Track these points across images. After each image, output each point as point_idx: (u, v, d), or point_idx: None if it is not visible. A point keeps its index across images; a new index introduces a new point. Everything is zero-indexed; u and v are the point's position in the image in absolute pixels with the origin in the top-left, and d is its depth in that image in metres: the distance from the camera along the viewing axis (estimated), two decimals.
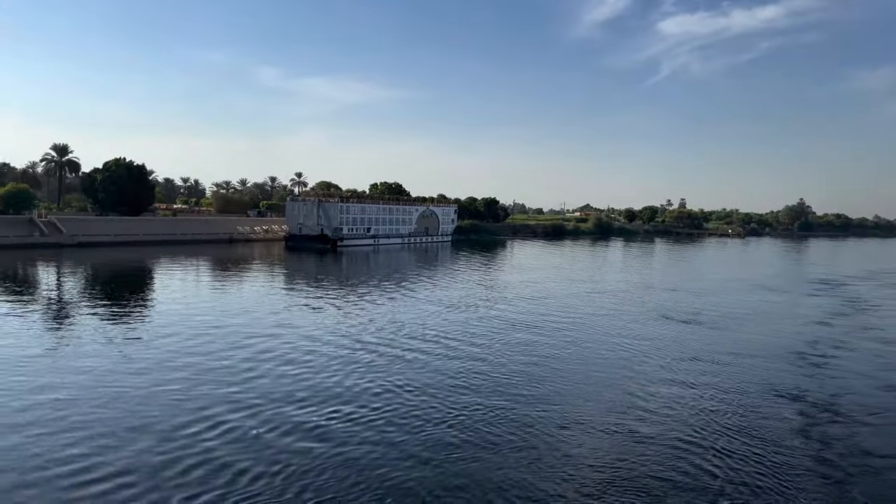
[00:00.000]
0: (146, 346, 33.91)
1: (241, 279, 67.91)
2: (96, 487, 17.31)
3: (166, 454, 19.53)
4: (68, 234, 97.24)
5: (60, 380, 26.86)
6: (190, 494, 17.09)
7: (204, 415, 23.16)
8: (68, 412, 22.92)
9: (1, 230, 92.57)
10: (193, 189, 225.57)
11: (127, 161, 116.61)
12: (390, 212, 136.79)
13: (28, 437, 20.51)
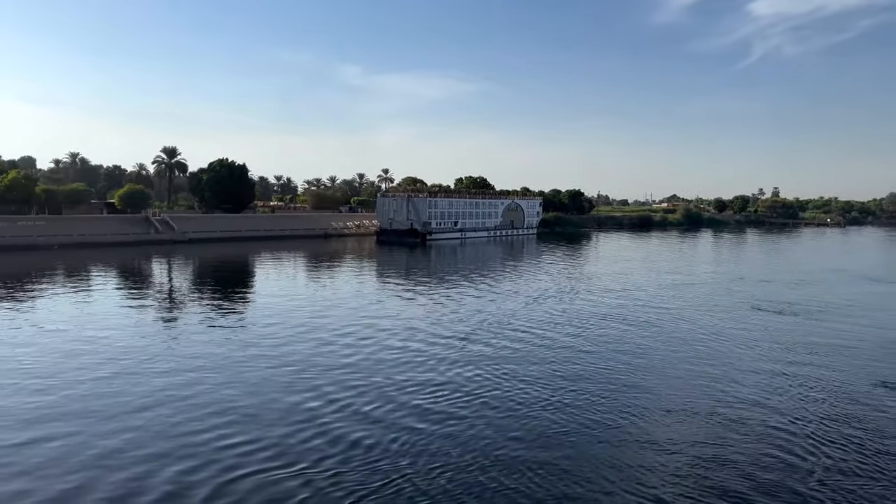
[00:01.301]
0: (257, 333, 36.97)
1: (337, 272, 71.28)
2: (231, 452, 19.69)
3: (288, 427, 21.78)
4: (180, 231, 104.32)
5: (183, 364, 29.85)
6: (316, 459, 19.22)
7: (316, 394, 25.44)
8: (195, 392, 25.69)
9: (121, 228, 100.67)
10: (286, 186, 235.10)
11: (229, 161, 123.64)
12: (476, 205, 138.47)
13: (161, 414, 23.21)
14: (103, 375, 27.57)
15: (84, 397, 24.67)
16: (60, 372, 27.96)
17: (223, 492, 17.17)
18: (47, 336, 35.07)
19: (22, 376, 27.19)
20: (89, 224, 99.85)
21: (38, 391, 25.30)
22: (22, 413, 22.76)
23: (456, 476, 18.27)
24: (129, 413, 22.91)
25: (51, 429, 21.32)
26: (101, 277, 62.12)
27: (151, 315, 43.09)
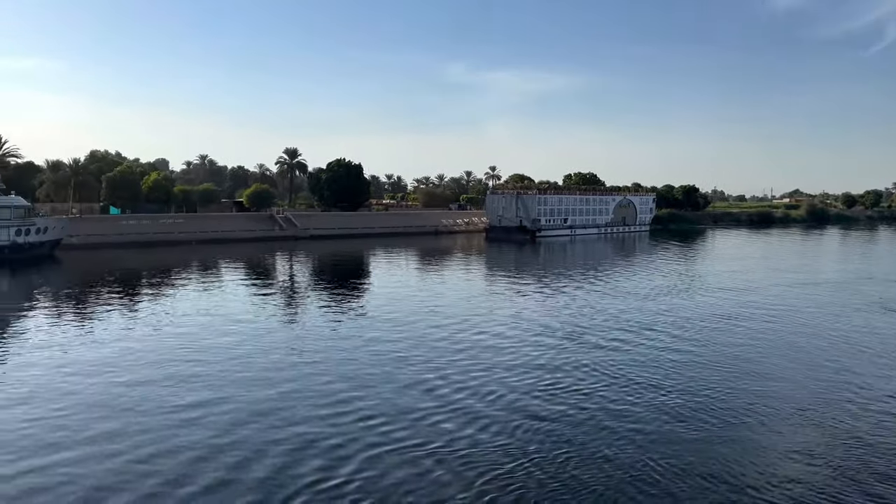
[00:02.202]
0: (374, 322, 39.60)
1: (448, 268, 73.46)
2: (372, 430, 21.62)
3: (418, 411, 23.52)
4: (301, 227, 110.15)
5: (314, 350, 32.71)
6: (447, 440, 20.81)
7: (439, 382, 27.05)
8: (322, 372, 28.15)
9: (249, 225, 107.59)
10: (396, 185, 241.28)
11: (346, 161, 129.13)
12: (587, 202, 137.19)
13: (302, 395, 25.78)
14: (250, 359, 30.69)
15: (234, 378, 27.61)
16: (210, 352, 31.34)
17: (369, 465, 18.92)
18: (195, 322, 39.25)
19: (178, 353, 30.71)
20: (221, 221, 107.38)
21: (193, 368, 28.55)
22: (191, 383, 25.95)
23: (576, 466, 19.07)
24: (277, 394, 25.47)
25: (204, 401, 24.23)
26: (233, 271, 67.70)
27: (280, 305, 46.82)
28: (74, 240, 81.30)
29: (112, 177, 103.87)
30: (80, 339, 34.69)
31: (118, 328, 37.84)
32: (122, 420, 22.20)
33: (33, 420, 22.21)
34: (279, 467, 18.61)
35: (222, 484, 17.57)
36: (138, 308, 44.70)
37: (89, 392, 25.35)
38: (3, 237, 68.82)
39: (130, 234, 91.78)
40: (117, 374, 27.80)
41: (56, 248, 76.10)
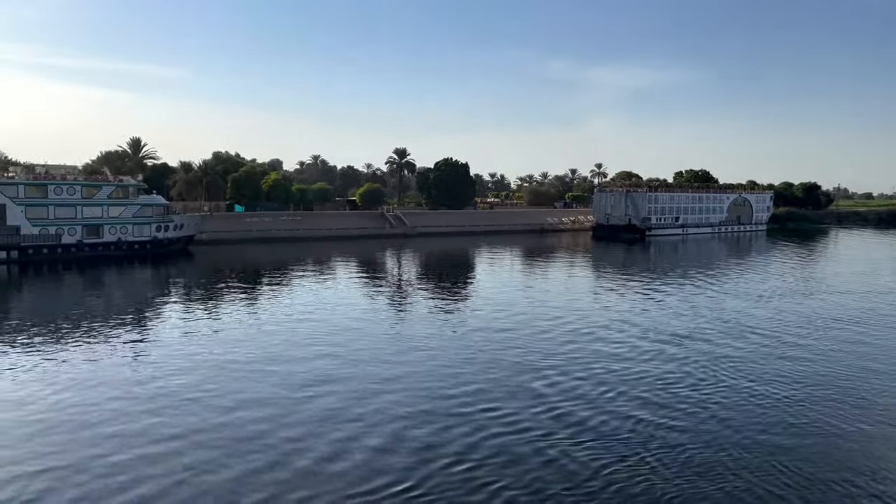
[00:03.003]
0: (482, 317, 40.73)
1: (554, 266, 73.67)
2: (474, 416, 22.57)
3: (519, 401, 24.28)
4: (410, 225, 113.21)
5: (420, 342, 34.21)
6: (546, 431, 21.47)
7: (540, 375, 27.83)
8: (434, 365, 29.41)
9: (361, 223, 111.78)
10: (500, 183, 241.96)
11: (454, 160, 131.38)
12: (699, 200, 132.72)
13: (410, 384, 27.11)
14: (368, 348, 32.56)
15: (354, 365, 29.35)
16: (328, 339, 33.39)
17: (471, 449, 19.90)
18: (315, 311, 41.85)
19: (299, 338, 32.96)
20: (335, 219, 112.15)
21: (320, 355, 30.60)
22: (313, 363, 27.95)
23: (700, 464, 19.17)
24: (387, 380, 27.00)
25: (329, 384, 26.01)
26: (347, 265, 71.17)
27: (391, 298, 49.16)
28: (204, 236, 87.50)
29: (237, 177, 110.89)
30: (214, 325, 38.00)
31: (246, 316, 41.09)
32: (258, 392, 24.42)
33: (193, 386, 24.98)
34: (416, 450, 19.86)
35: (358, 466, 19.00)
36: (263, 298, 48.19)
37: (231, 367, 27.96)
38: (146, 233, 75.29)
39: (254, 231, 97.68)
40: (249, 353, 30.39)
41: (189, 243, 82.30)
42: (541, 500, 16.91)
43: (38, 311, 44.35)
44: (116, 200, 73.09)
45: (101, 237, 71.80)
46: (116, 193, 73.36)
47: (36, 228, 67.39)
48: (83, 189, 71.06)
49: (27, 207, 66.83)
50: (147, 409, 23.25)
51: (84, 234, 70.58)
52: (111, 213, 72.50)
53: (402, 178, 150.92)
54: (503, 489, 17.39)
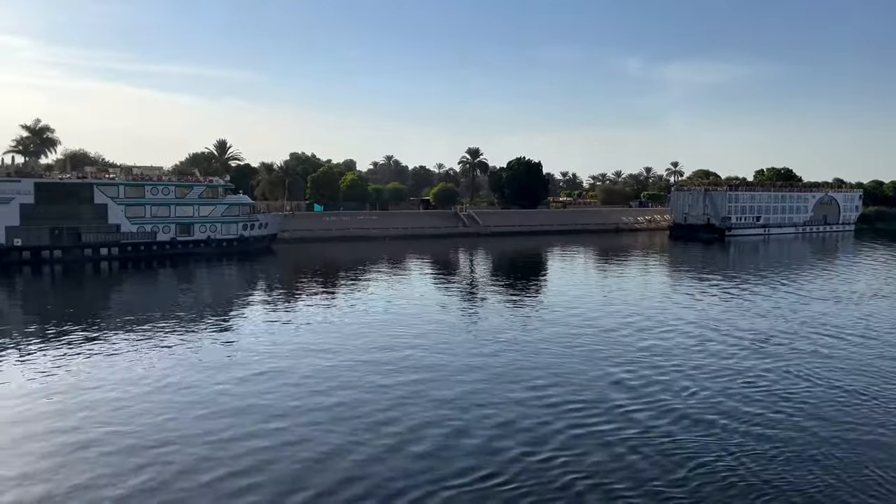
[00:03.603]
0: (555, 315, 40.96)
1: (629, 266, 73.00)
2: (549, 409, 22.95)
3: (594, 397, 24.65)
4: (483, 225, 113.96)
5: (491, 339, 34.75)
6: (615, 427, 21.66)
7: (622, 368, 28.43)
8: (512, 360, 29.95)
9: (435, 222, 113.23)
10: (571, 182, 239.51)
11: (526, 160, 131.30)
12: (782, 199, 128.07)
13: (483, 377, 27.74)
14: (443, 346, 33.52)
15: (429, 360, 30.25)
16: (404, 336, 34.43)
17: (570, 445, 20.25)
18: (391, 308, 43.23)
19: (376, 335, 34.10)
20: (410, 218, 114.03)
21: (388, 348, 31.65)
22: (390, 361, 28.96)
23: (781, 465, 19.05)
24: (472, 378, 27.72)
25: (408, 375, 26.96)
26: (421, 264, 73.04)
27: (464, 297, 50.07)
28: (286, 234, 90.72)
29: (316, 177, 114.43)
30: (298, 318, 39.94)
31: (329, 310, 43.05)
32: (342, 391, 25.51)
33: (274, 386, 26.23)
34: (486, 441, 20.53)
35: (441, 449, 19.89)
36: (344, 294, 50.22)
37: (319, 356, 29.30)
38: (233, 231, 78.83)
39: (332, 230, 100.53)
40: (327, 351, 31.68)
41: (273, 241, 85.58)
42: (638, 490, 17.35)
43: (139, 303, 47.51)
44: (206, 200, 76.90)
45: (192, 235, 75.68)
46: (206, 193, 77.23)
47: (134, 226, 71.70)
48: (176, 189, 75.15)
49: (126, 207, 71.19)
50: (248, 390, 25.04)
51: (177, 232, 74.58)
52: (201, 212, 76.35)
53: (474, 178, 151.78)
54: (596, 478, 17.94)
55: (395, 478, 17.76)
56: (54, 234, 66.73)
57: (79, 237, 68.24)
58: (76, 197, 68.79)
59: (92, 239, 68.91)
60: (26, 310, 46.41)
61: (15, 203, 64.50)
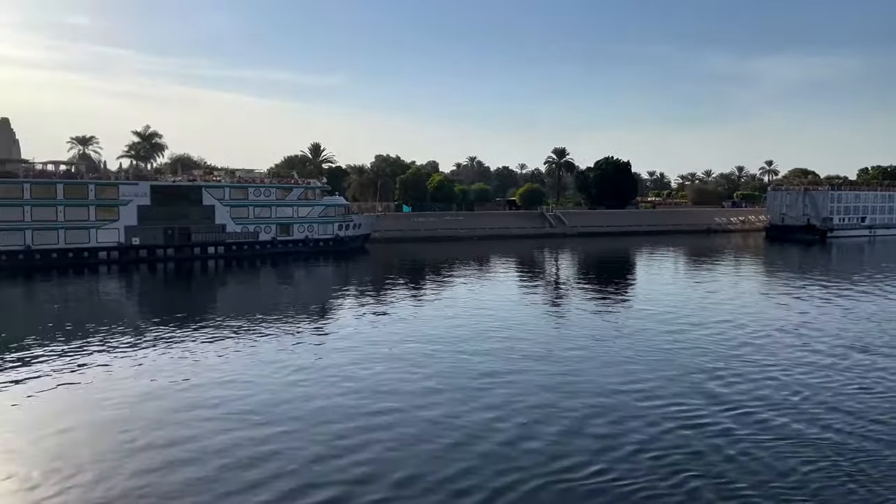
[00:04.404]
0: (643, 318, 40.47)
1: (722, 268, 71.16)
2: (651, 411, 22.98)
3: (695, 400, 24.43)
4: (570, 225, 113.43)
5: (582, 340, 34.84)
6: (762, 420, 21.48)
7: (723, 369, 28.06)
8: (596, 357, 30.01)
9: (521, 222, 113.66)
10: (659, 181, 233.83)
11: (614, 159, 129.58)
12: (890, 199, 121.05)
13: (581, 378, 27.86)
14: (529, 343, 33.88)
15: (519, 357, 30.74)
16: (490, 332, 35.01)
17: (651, 441, 20.47)
18: (478, 306, 43.84)
19: (463, 331, 34.73)
20: (496, 219, 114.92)
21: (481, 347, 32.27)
22: (481, 354, 29.63)
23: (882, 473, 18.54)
24: (555, 374, 28.13)
25: (494, 371, 27.56)
26: (508, 264, 73.83)
27: (550, 296, 50.53)
28: (378, 234, 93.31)
29: (405, 178, 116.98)
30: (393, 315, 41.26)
31: (422, 308, 44.65)
32: (432, 381, 26.51)
33: (374, 372, 27.43)
34: (595, 437, 20.88)
35: (551, 445, 20.44)
36: (434, 293, 51.54)
37: (413, 355, 30.26)
38: (329, 231, 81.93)
39: (420, 230, 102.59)
40: (424, 342, 32.83)
41: (366, 241, 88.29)
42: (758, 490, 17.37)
43: (246, 298, 50.66)
44: (304, 201, 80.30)
45: (291, 235, 79.17)
46: (305, 195, 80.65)
47: (238, 227, 75.72)
48: (277, 191, 78.80)
49: (231, 208, 75.30)
50: (351, 387, 26.08)
51: (277, 232, 78.24)
52: (300, 212, 79.78)
53: (560, 178, 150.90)
54: (708, 478, 18.06)
55: (509, 470, 18.37)
56: (167, 233, 71.41)
57: (189, 237, 72.75)
58: (187, 199, 73.38)
59: (201, 238, 73.32)
60: (150, 303, 50.12)
61: (133, 205, 69.43)
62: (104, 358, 30.17)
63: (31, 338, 33.79)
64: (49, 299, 50.96)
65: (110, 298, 52.64)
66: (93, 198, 67.46)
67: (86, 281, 59.81)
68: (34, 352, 30.98)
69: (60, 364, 28.84)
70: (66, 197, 66.06)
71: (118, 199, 68.66)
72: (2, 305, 48.74)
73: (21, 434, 20.77)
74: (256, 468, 18.15)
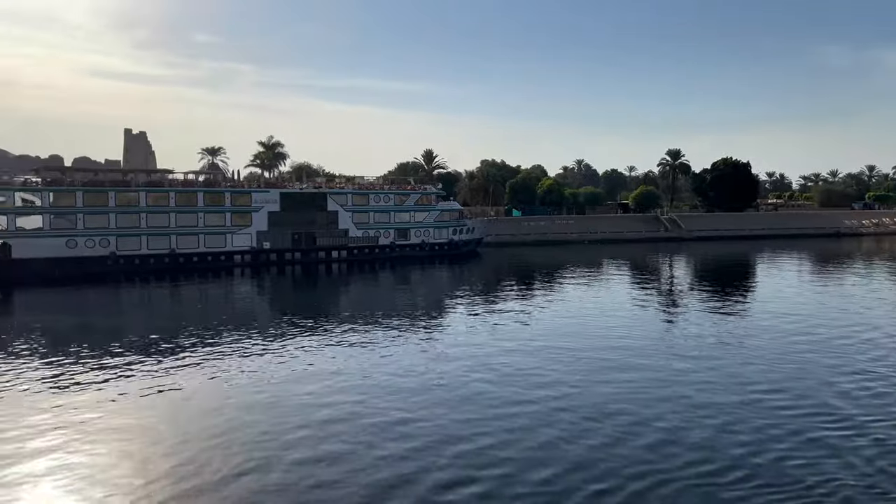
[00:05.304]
0: (762, 325, 38.43)
1: (851, 274, 66.39)
2: (780, 421, 21.90)
3: (813, 404, 23.26)
4: (686, 229, 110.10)
5: (698, 349, 33.32)
6: None
7: (829, 381, 26.16)
8: (712, 367, 28.67)
9: (635, 226, 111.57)
10: (778, 182, 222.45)
11: (733, 160, 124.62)
12: None
13: (700, 388, 26.71)
14: (646, 350, 32.96)
15: (634, 357, 29.95)
16: (608, 338, 34.42)
17: (797, 449, 19.68)
18: (590, 311, 43.39)
19: (578, 336, 34.20)
20: (608, 222, 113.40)
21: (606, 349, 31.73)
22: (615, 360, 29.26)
23: None
24: (673, 375, 27.14)
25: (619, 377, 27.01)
26: (621, 269, 72.64)
27: (665, 303, 49.12)
28: (489, 238, 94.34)
29: (514, 182, 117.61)
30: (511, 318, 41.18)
31: (530, 310, 44.52)
32: (552, 376, 26.39)
33: (498, 375, 27.57)
34: (705, 440, 20.41)
35: (661, 445, 20.13)
36: (545, 295, 51.85)
37: (533, 355, 30.13)
38: (444, 236, 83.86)
39: (531, 234, 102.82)
40: (540, 343, 32.60)
41: (478, 245, 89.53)
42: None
43: (368, 300, 53.18)
44: (421, 207, 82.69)
45: (409, 239, 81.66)
46: (421, 200, 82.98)
47: (360, 231, 78.99)
48: (395, 197, 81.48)
49: (353, 213, 78.60)
50: (484, 377, 26.85)
51: (395, 236, 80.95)
52: (417, 217, 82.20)
53: (674, 180, 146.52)
54: (830, 486, 17.43)
55: (619, 468, 18.42)
56: (295, 238, 75.54)
57: (314, 241, 76.62)
58: (312, 205, 77.33)
59: (325, 243, 77.06)
60: (282, 303, 53.20)
61: (264, 211, 73.93)
62: (252, 351, 32.44)
63: (183, 332, 37.08)
64: (192, 299, 55.49)
65: (246, 298, 56.50)
66: (229, 205, 72.50)
67: (223, 282, 64.34)
68: (183, 344, 33.93)
69: (207, 357, 31.11)
70: (205, 204, 71.34)
71: (251, 206, 73.39)
72: (154, 303, 53.59)
73: (175, 422, 22.49)
74: (385, 471, 18.59)
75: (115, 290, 59.02)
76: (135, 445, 20.00)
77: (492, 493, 17.14)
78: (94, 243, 65.29)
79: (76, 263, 62.81)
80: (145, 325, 41.08)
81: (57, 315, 44.57)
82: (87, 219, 65.45)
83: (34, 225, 64.17)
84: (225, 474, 17.93)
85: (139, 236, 67.78)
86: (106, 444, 20.08)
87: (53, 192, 65.07)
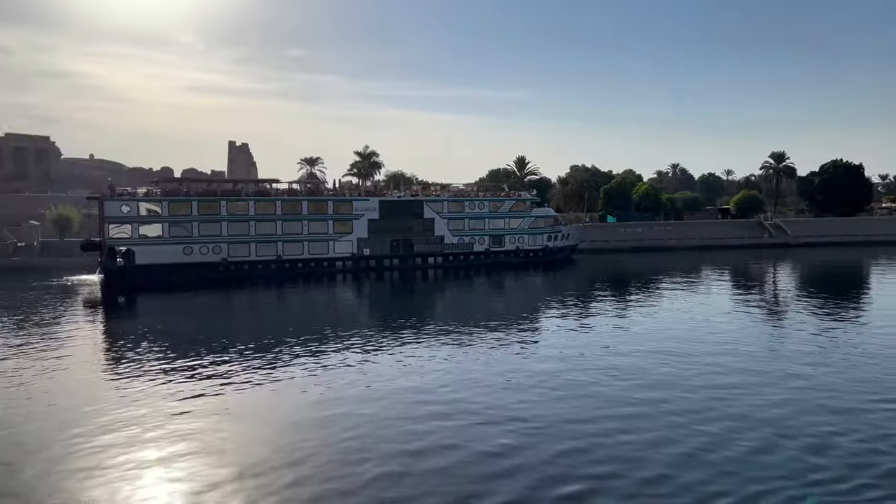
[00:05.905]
0: (868, 336, 36.23)
1: None
2: None
3: None
4: (792, 235, 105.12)
5: (798, 361, 31.01)
6: None
7: None
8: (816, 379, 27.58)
9: (736, 232, 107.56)
10: (893, 186, 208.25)
11: (843, 162, 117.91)
12: None
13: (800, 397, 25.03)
14: (738, 363, 31.15)
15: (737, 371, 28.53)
16: (704, 347, 32.92)
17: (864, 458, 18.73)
18: (688, 319, 41.76)
19: (671, 344, 32.78)
20: (708, 228, 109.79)
21: None
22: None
23: None
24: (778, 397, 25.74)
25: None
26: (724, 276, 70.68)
27: (766, 313, 46.75)
28: (583, 245, 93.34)
29: (608, 188, 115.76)
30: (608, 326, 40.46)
31: (627, 318, 43.46)
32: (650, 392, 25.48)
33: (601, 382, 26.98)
34: (851, 453, 19.27)
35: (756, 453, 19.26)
36: (642, 303, 50.52)
37: (620, 365, 29.49)
38: (538, 242, 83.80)
39: (627, 241, 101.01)
40: (636, 351, 31.66)
41: (573, 252, 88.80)
42: None
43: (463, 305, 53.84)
44: (515, 213, 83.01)
45: (503, 246, 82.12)
46: (515, 207, 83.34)
47: (455, 238, 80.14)
48: (490, 204, 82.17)
49: (449, 220, 79.85)
50: (593, 378, 26.42)
51: (490, 243, 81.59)
52: (511, 224, 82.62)
53: (778, 184, 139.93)
54: None
55: (753, 479, 17.72)
56: (393, 244, 77.52)
57: (412, 247, 78.36)
58: (410, 212, 79.14)
59: (422, 249, 78.67)
60: (383, 308, 54.94)
61: (364, 219, 76.27)
62: (352, 355, 33.04)
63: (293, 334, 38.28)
64: (298, 303, 58.06)
65: (349, 303, 58.63)
66: (331, 212, 75.26)
67: (325, 288, 66.89)
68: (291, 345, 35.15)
69: (314, 359, 32.08)
70: (309, 212, 74.35)
71: (352, 214, 75.89)
72: (263, 308, 56.30)
73: (280, 424, 23.31)
74: (492, 464, 18.97)
75: (226, 294, 62.41)
76: (269, 430, 21.48)
77: (581, 492, 17.09)
78: (208, 250, 69.34)
79: (192, 269, 66.85)
80: (256, 328, 43.29)
81: (177, 318, 47.85)
82: (202, 227, 69.60)
83: (155, 233, 68.87)
84: (345, 459, 18.82)
85: (248, 243, 71.43)
86: (224, 430, 21.46)
87: (171, 202, 69.65)
